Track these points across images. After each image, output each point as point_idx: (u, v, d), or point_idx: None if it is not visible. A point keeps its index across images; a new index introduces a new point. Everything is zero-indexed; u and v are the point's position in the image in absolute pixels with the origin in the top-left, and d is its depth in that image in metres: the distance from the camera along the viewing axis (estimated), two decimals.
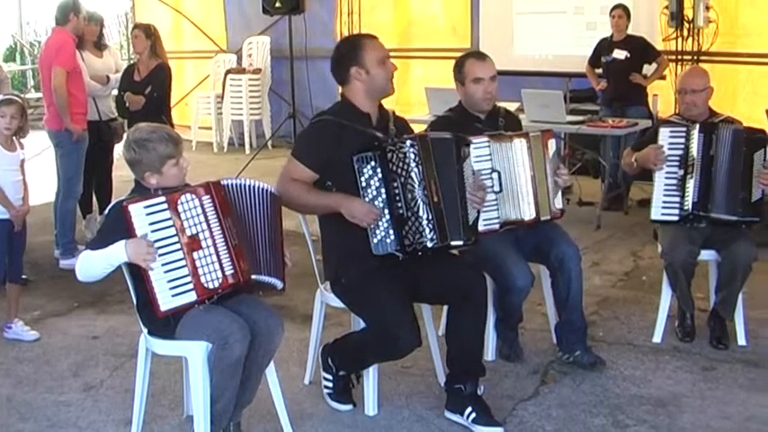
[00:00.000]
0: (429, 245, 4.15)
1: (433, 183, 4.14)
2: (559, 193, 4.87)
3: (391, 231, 4.17)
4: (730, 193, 5.05)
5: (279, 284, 3.99)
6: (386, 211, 4.16)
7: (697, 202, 5.07)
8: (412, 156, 4.11)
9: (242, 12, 13.34)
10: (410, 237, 4.15)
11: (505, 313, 4.87)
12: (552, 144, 4.83)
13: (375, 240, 4.18)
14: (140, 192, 3.87)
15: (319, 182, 4.29)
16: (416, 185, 4.12)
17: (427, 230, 4.13)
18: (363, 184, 4.16)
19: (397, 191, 4.13)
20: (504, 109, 5.07)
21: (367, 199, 4.16)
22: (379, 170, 4.14)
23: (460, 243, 4.25)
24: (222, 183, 3.88)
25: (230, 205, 3.85)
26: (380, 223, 4.17)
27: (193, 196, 3.76)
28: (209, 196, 3.79)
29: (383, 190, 4.15)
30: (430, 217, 4.13)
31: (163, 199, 3.72)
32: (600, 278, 6.52)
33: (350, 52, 4.36)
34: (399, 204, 4.14)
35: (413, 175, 4.11)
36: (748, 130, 5.18)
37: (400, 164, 4.11)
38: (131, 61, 8.04)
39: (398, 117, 4.51)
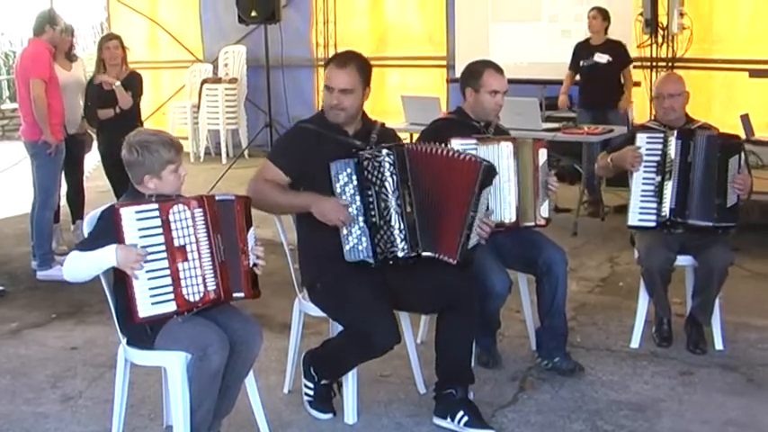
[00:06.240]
0: (400, 254, 4.18)
1: (407, 193, 4.16)
2: (546, 203, 4.88)
3: (364, 239, 4.20)
4: (706, 200, 5.07)
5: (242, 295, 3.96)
6: (360, 218, 4.19)
7: (674, 209, 5.10)
8: (387, 165, 4.14)
9: (218, 21, 13.30)
10: (381, 245, 4.18)
11: (483, 319, 4.83)
12: (543, 153, 4.84)
13: (347, 247, 4.20)
14: (133, 197, 3.86)
15: (293, 189, 4.31)
16: (390, 195, 4.15)
17: (398, 240, 4.17)
18: (338, 190, 4.18)
19: (371, 199, 4.16)
20: (499, 124, 5.09)
21: None
22: (354, 177, 4.17)
23: (432, 255, 4.23)
24: (216, 198, 3.89)
25: (221, 221, 3.85)
26: (353, 230, 4.19)
27: (185, 208, 3.75)
28: (201, 210, 3.79)
29: (357, 197, 4.18)
30: (402, 227, 4.17)
31: (155, 206, 3.71)
32: (577, 284, 6.53)
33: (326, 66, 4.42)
34: (373, 213, 4.17)
35: (386, 184, 4.15)
36: (723, 136, 5.22)
37: (375, 172, 4.15)
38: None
39: (386, 129, 4.51)
